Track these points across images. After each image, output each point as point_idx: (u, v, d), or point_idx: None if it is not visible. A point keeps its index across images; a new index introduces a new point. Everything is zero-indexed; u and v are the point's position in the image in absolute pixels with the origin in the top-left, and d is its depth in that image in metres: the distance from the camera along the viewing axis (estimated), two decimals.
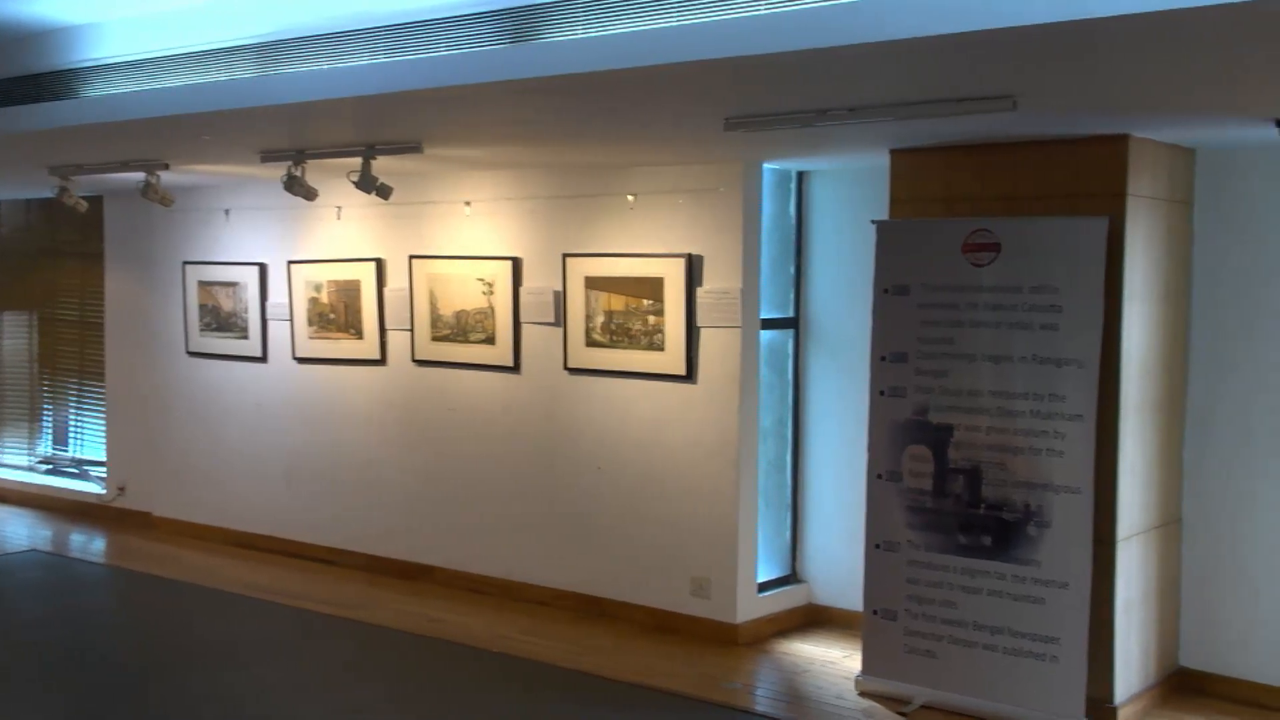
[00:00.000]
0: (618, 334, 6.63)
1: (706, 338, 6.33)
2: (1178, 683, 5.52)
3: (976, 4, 3.15)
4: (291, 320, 8.01)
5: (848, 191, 6.51)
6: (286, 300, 8.04)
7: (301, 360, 8.01)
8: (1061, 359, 5.05)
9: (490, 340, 7.15)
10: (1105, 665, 5.08)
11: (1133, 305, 5.10)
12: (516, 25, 4.19)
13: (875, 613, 5.53)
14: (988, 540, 5.22)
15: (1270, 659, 5.33)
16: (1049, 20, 3.05)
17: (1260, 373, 5.34)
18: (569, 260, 6.78)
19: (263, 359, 8.23)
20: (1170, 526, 5.50)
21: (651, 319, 6.49)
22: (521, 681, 5.74)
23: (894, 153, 5.63)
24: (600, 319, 6.68)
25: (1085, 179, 5.11)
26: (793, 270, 6.71)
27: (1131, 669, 5.23)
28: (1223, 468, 5.44)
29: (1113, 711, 5.08)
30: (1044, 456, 5.09)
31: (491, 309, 7.13)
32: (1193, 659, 5.55)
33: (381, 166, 6.10)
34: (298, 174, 6.27)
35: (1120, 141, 5.00)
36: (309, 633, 6.51)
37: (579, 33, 4.00)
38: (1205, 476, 5.49)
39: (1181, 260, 5.47)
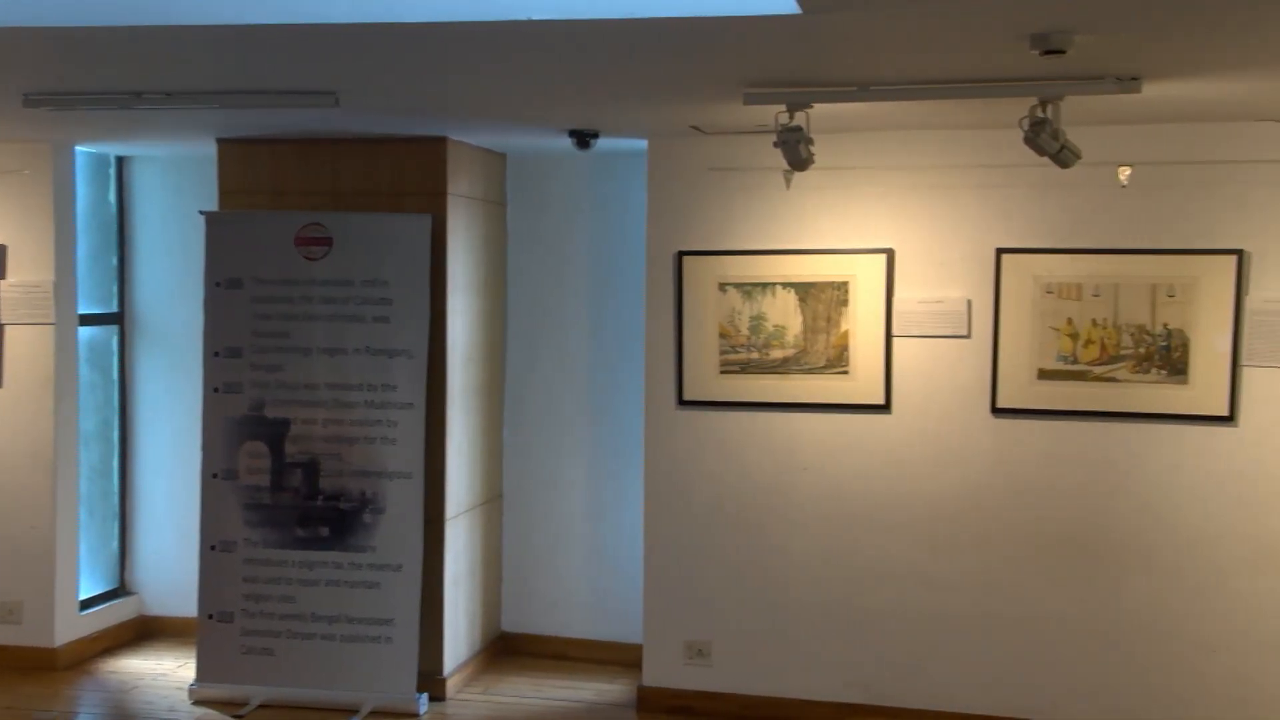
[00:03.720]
0: None
1: (13, 336, 5.69)
2: (500, 647, 6.02)
3: None
4: None
5: (176, 180, 6.22)
6: None
7: None
8: (393, 350, 5.27)
9: None
10: (436, 639, 5.38)
11: (456, 298, 5.45)
12: None
13: (210, 616, 5.36)
14: (325, 531, 5.30)
15: (574, 616, 5.99)
16: (358, 20, 3.14)
17: (563, 359, 5.98)
18: None
19: None
20: (493, 503, 5.97)
21: None
22: None
23: (221, 142, 5.49)
24: None
25: (410, 177, 5.36)
26: (115, 262, 6.26)
27: (459, 640, 5.60)
28: (535, 447, 6.02)
29: (442, 682, 5.41)
30: (378, 445, 5.27)
31: None
32: (512, 623, 6.08)
33: None
34: None
35: (439, 143, 5.31)
36: None
37: None
38: (521, 455, 6.03)
39: (498, 256, 5.95)
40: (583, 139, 5.05)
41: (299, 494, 5.32)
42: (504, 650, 6.02)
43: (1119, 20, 2.92)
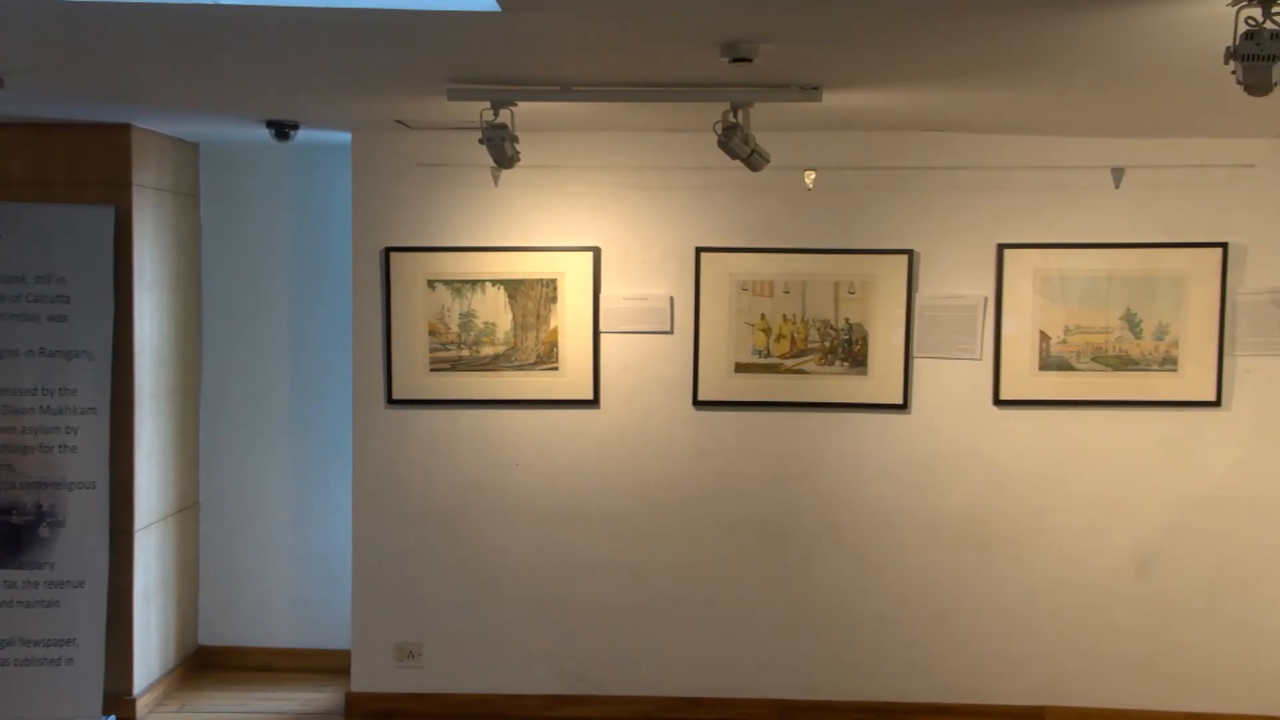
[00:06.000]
0: None
1: None
2: (197, 661, 5.73)
3: None
4: None
5: None
6: None
7: None
8: (72, 351, 4.93)
9: None
10: (125, 657, 5.07)
11: (144, 295, 5.14)
12: None
13: None
14: None
15: (279, 624, 5.77)
16: None
17: (264, 357, 5.74)
18: None
19: None
20: (189, 510, 5.66)
21: None
22: None
23: None
24: None
25: (89, 167, 5.02)
26: None
27: (151, 656, 5.29)
28: (235, 449, 5.75)
29: (131, 703, 5.10)
30: (56, 453, 4.91)
31: None
32: (211, 636, 5.79)
33: None
34: None
35: (123, 131, 4.99)
36: None
37: None
38: (220, 459, 5.75)
39: (191, 250, 5.64)
40: (282, 130, 4.87)
41: None
42: (203, 665, 5.72)
43: (801, 32, 3.09)
